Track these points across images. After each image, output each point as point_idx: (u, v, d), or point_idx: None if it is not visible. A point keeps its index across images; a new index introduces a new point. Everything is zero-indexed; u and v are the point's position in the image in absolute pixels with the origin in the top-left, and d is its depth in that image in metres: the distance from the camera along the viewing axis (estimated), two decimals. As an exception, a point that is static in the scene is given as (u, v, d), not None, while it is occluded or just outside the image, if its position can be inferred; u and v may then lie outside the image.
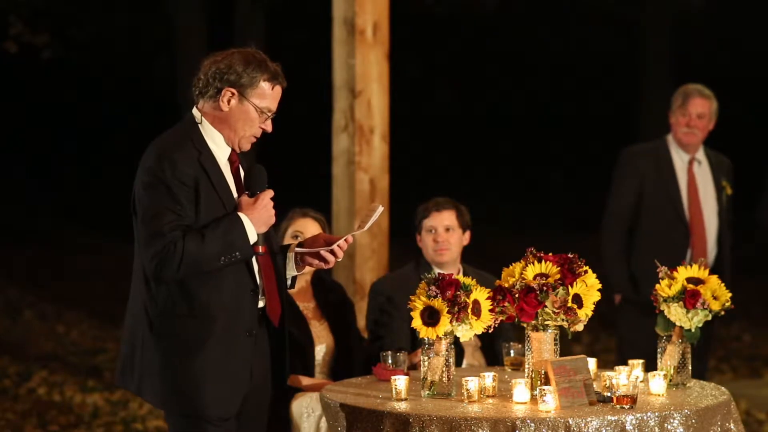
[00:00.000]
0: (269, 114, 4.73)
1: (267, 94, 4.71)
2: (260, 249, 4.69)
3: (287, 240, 6.10)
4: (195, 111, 4.76)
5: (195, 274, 4.56)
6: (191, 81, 4.79)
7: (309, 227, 6.08)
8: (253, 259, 4.71)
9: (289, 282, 4.93)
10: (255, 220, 4.64)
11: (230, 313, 4.65)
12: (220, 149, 4.73)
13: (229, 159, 4.75)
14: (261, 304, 4.78)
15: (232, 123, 4.70)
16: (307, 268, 4.98)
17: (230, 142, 4.73)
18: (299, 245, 4.92)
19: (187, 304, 4.61)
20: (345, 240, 4.82)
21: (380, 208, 4.84)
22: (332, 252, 4.82)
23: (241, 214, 4.63)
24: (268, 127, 4.75)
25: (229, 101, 4.68)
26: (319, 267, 4.92)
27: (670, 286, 5.23)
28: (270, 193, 4.71)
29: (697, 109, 7.68)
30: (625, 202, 7.76)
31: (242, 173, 4.80)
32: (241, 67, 4.67)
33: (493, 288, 5.01)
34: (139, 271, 4.69)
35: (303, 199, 6.57)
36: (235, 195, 4.72)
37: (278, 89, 4.75)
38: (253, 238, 4.64)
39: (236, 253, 4.59)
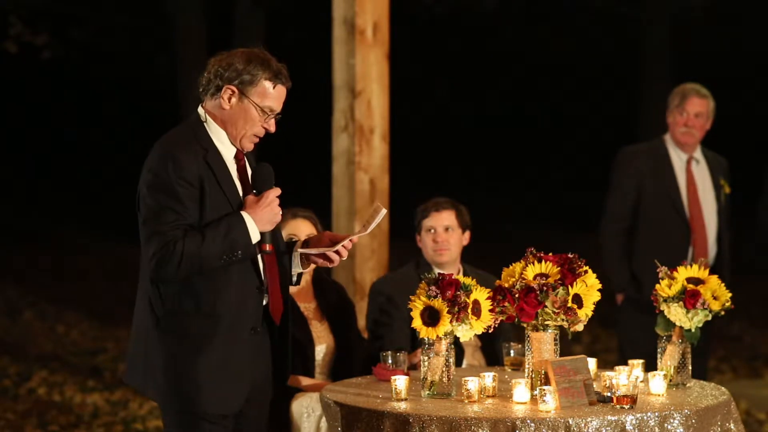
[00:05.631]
0: (271, 114, 4.70)
1: (269, 94, 4.68)
2: (267, 247, 4.69)
3: None
4: (200, 109, 4.76)
5: (196, 273, 4.57)
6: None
7: (301, 227, 6.07)
8: (259, 257, 4.72)
9: (294, 278, 4.93)
10: (258, 218, 4.63)
11: (236, 311, 4.66)
12: (226, 148, 4.72)
13: (235, 157, 4.75)
14: (264, 302, 4.78)
15: (233, 121, 4.68)
16: (311, 266, 5.00)
17: (233, 141, 4.72)
18: (305, 243, 4.93)
19: (194, 302, 4.61)
20: (350, 240, 4.82)
21: (383, 211, 4.84)
22: (337, 251, 4.83)
23: (243, 213, 4.62)
24: (271, 127, 4.73)
25: (229, 99, 4.67)
26: (324, 266, 4.93)
27: (670, 286, 5.24)
28: (276, 191, 4.70)
29: (695, 109, 7.67)
30: (624, 201, 7.75)
31: (249, 171, 4.79)
32: (242, 65, 4.66)
33: (493, 288, 5.01)
34: (145, 270, 4.68)
35: (303, 199, 6.56)
36: (241, 193, 4.72)
37: (281, 89, 4.72)
38: (255, 236, 4.63)
39: (238, 252, 4.59)
